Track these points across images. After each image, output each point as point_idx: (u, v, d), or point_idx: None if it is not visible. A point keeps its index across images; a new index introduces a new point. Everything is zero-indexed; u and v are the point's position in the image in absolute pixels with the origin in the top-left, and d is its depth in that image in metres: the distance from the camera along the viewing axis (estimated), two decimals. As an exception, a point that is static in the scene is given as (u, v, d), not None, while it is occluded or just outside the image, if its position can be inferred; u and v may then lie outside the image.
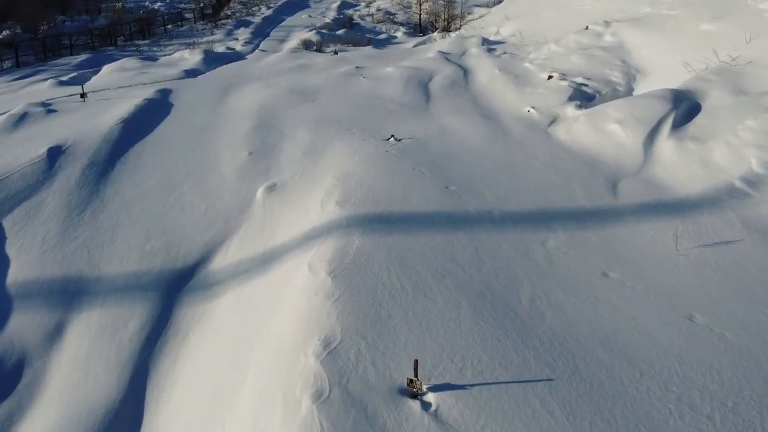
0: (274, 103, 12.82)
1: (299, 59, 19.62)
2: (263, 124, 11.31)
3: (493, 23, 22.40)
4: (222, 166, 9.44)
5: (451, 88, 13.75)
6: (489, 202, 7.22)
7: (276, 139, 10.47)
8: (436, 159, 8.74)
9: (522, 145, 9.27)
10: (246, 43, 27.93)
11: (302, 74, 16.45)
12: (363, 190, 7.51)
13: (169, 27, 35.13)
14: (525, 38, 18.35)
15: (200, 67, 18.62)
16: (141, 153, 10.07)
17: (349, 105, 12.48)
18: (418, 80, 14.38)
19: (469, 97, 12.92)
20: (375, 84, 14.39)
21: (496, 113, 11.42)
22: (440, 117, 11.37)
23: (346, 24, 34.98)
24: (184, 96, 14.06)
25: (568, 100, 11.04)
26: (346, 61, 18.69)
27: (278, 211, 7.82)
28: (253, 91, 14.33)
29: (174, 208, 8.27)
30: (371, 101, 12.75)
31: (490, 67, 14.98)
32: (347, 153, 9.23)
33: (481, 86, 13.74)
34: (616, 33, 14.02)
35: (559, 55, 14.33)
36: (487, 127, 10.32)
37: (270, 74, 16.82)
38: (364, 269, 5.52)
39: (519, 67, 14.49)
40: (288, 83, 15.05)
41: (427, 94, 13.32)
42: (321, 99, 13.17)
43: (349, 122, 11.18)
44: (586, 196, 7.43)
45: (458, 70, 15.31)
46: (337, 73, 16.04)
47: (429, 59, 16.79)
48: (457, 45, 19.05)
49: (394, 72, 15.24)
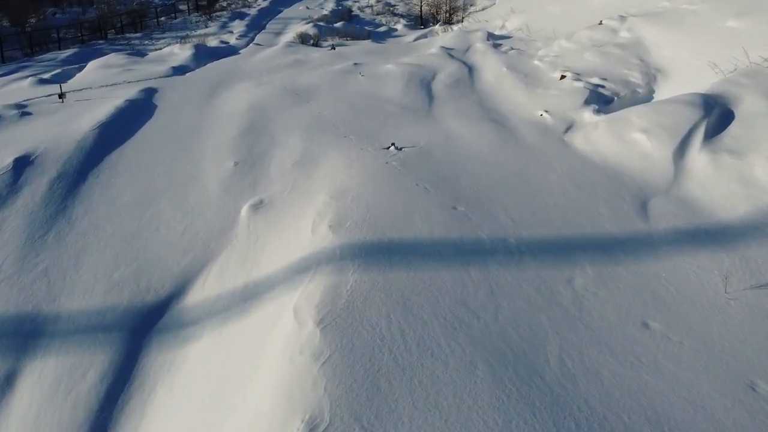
0: (265, 105, 11.92)
1: (294, 54, 18.67)
2: (252, 129, 10.41)
3: (498, 16, 21.41)
4: (205, 178, 8.55)
5: (455, 87, 12.84)
6: (503, 225, 6.35)
7: (265, 146, 9.58)
8: (442, 171, 7.86)
9: (536, 155, 8.38)
10: (240, 36, 26.96)
11: (297, 71, 15.52)
12: (359, 210, 6.63)
13: (162, 19, 34.11)
14: (532, 33, 17.39)
15: (190, 63, 17.67)
16: (117, 163, 9.18)
17: (346, 106, 11.58)
18: (419, 79, 13.47)
19: (475, 98, 12.01)
20: (374, 83, 13.47)
21: (505, 117, 10.52)
22: (444, 121, 10.47)
23: (344, 16, 33.95)
24: (169, 96, 13.14)
25: (585, 104, 10.13)
26: (344, 56, 17.75)
27: (264, 234, 6.95)
28: (243, 90, 13.41)
29: (149, 228, 7.40)
30: (370, 102, 11.84)
31: (496, 65, 14.05)
32: (343, 164, 8.35)
33: (488, 86, 12.82)
34: (632, 29, 13.08)
35: (571, 52, 13.40)
36: (497, 134, 9.42)
37: (263, 71, 15.89)
38: (360, 318, 4.66)
39: (528, 65, 13.56)
40: (281, 81, 14.12)
41: (430, 94, 12.41)
42: (316, 99, 12.26)
43: (345, 127, 10.28)
44: (613, 217, 6.55)
45: (463, 68, 14.39)
46: (334, 70, 15.12)
47: (431, 55, 15.85)
48: (461, 40, 18.10)
49: (395, 69, 14.32)
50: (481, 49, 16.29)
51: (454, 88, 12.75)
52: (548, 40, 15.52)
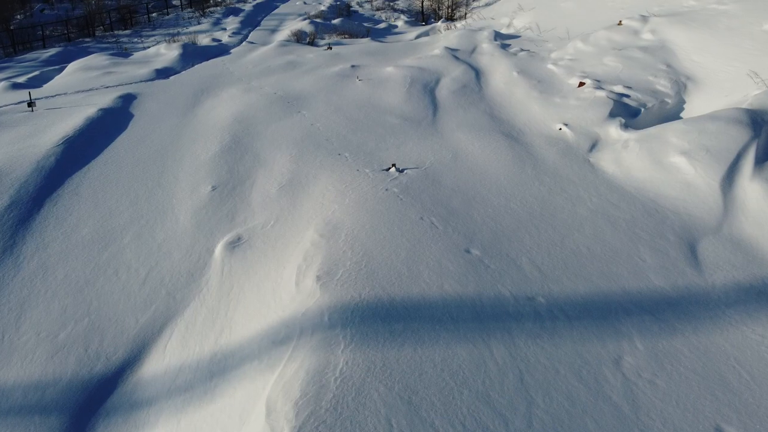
0: (252, 115, 10.79)
1: (288, 55, 17.51)
2: (236, 144, 9.29)
3: (505, 14, 20.23)
4: (177, 207, 7.44)
5: (461, 94, 11.71)
6: (528, 277, 5.25)
7: (249, 166, 8.46)
8: (451, 201, 6.76)
9: (560, 181, 7.27)
10: (234, 33, 25.76)
11: (290, 75, 14.37)
12: (354, 255, 5.53)
13: (153, 15, 32.87)
14: (543, 32, 16.24)
15: (176, 65, 16.52)
16: (79, 187, 8.06)
17: (341, 117, 10.45)
18: (422, 84, 12.34)
19: (485, 107, 10.88)
20: (373, 88, 12.34)
21: (519, 131, 9.40)
22: (451, 135, 9.35)
23: (342, 12, 32.72)
24: (148, 104, 12.01)
25: (609, 117, 9.01)
26: (341, 57, 16.59)
27: (240, 282, 5.84)
28: (229, 97, 12.28)
29: (106, 271, 6.29)
30: (368, 112, 10.72)
31: (506, 69, 12.91)
32: (336, 190, 7.24)
33: (498, 93, 11.69)
34: (656, 30, 11.94)
35: (589, 55, 12.26)
36: (512, 152, 8.31)
37: (253, 74, 14.74)
38: (352, 425, 3.57)
39: (541, 69, 12.42)
40: (272, 87, 12.99)
41: (434, 102, 11.29)
42: (309, 108, 11.13)
43: (340, 142, 9.17)
44: (659, 266, 5.45)
45: (469, 71, 13.25)
46: (330, 73, 13.98)
47: (435, 57, 14.71)
48: (466, 39, 16.94)
49: (395, 73, 13.19)
50: (489, 50, 15.14)
51: (461, 95, 11.62)
52: (561, 41, 14.37)
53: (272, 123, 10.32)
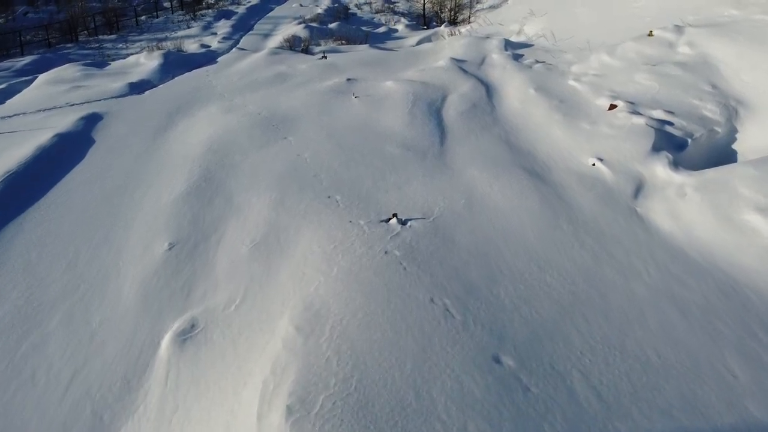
0: (230, 142, 9.31)
1: (279, 65, 16.02)
2: (206, 182, 7.81)
3: (514, 19, 18.74)
4: (123, 273, 5.96)
5: (472, 115, 10.23)
6: (586, 410, 3.76)
7: (218, 213, 6.98)
8: (469, 272, 5.27)
9: (605, 242, 5.79)
10: (224, 38, 24.32)
11: (278, 90, 12.88)
12: (341, 367, 4.06)
13: (142, 18, 31.39)
14: (558, 41, 14.75)
15: (154, 77, 15.02)
16: (11, 244, 6.58)
17: (333, 145, 8.97)
18: (427, 103, 10.85)
19: (499, 131, 9.40)
20: (370, 108, 10.86)
21: (544, 165, 7.92)
22: (463, 171, 7.87)
23: (340, 14, 31.24)
24: (114, 127, 10.53)
25: (653, 151, 7.53)
26: (336, 68, 15.10)
27: (186, 404, 4.35)
28: (207, 118, 10.79)
29: (21, 374, 4.81)
30: (365, 138, 9.24)
31: (521, 84, 11.43)
32: (322, 253, 5.76)
33: (513, 114, 10.20)
34: (694, 43, 10.45)
35: (617, 70, 10.78)
36: (539, 197, 6.82)
37: (237, 89, 13.25)
38: None
39: (561, 86, 10.94)
40: (256, 105, 11.50)
41: (441, 125, 9.80)
42: (296, 134, 9.64)
43: (330, 179, 7.69)
44: (756, 388, 3.96)
45: (479, 87, 11.76)
46: (323, 88, 12.49)
47: (440, 69, 13.21)
48: (474, 48, 15.45)
49: (396, 89, 11.71)
50: (499, 61, 13.65)
51: (471, 117, 10.13)
52: (582, 52, 12.88)
53: (252, 152, 8.84)
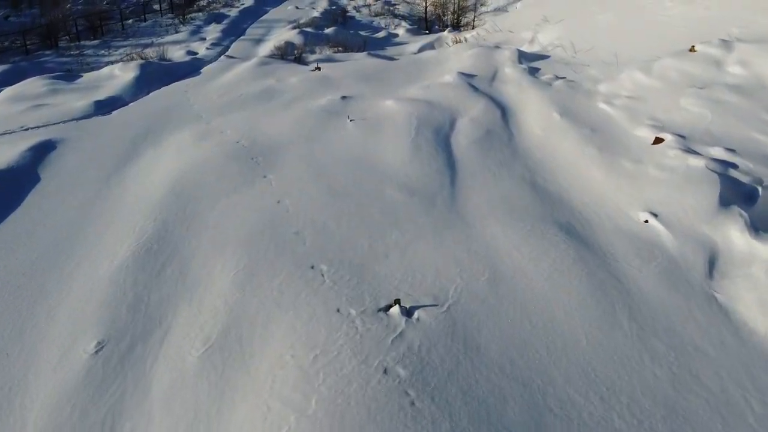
0: (197, 182, 7.74)
1: (267, 78, 14.43)
2: (160, 243, 6.24)
3: (526, 25, 17.15)
4: (30, 395, 4.39)
5: (486, 145, 8.66)
6: None
7: (167, 291, 5.41)
8: (507, 416, 3.72)
9: (685, 356, 4.21)
10: (213, 44, 22.76)
11: (263, 110, 11.31)
12: None
13: (129, 22, 29.79)
14: (579, 52, 13.17)
15: (127, 92, 13.42)
16: None
17: (321, 189, 7.40)
18: (433, 129, 9.29)
19: (521, 169, 7.83)
20: (367, 135, 9.30)
21: (582, 218, 6.36)
22: (482, 226, 6.31)
23: (337, 18, 29.65)
24: (66, 160, 8.97)
25: (722, 206, 5.96)
26: (330, 82, 13.52)
27: None
28: (176, 147, 9.22)
29: None
30: (360, 179, 7.67)
31: (542, 106, 9.86)
32: (297, 370, 4.20)
33: (536, 145, 8.64)
34: (747, 62, 8.88)
35: (656, 93, 9.20)
36: (585, 272, 5.25)
37: (216, 109, 11.67)
38: None
39: (590, 110, 9.37)
40: (236, 130, 9.92)
41: (451, 159, 8.24)
42: (278, 171, 8.07)
43: (315, 238, 6.13)
44: None
45: (492, 109, 10.19)
46: (314, 108, 10.91)
47: (446, 86, 11.63)
48: (483, 60, 13.85)
49: (397, 110, 10.14)
50: (514, 76, 12.07)
51: (486, 149, 8.57)
52: (608, 68, 11.31)
53: (223, 197, 7.28)
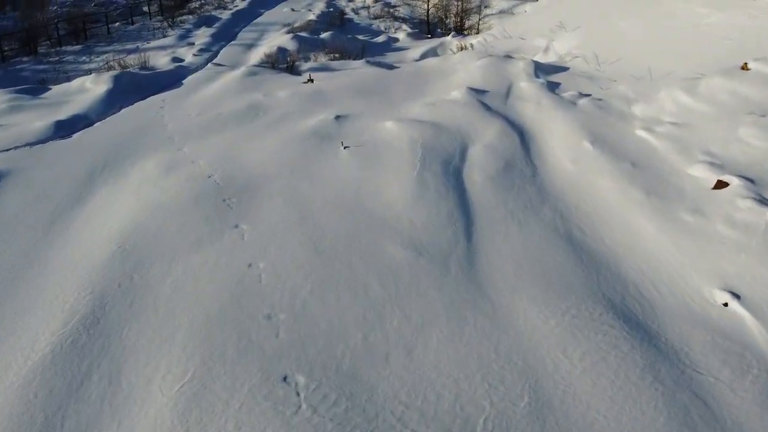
0: (154, 234, 6.29)
1: (253, 91, 12.98)
2: (90, 332, 4.79)
3: (539, 32, 15.69)
4: None
5: (507, 184, 7.22)
6: None
7: (84, 420, 3.97)
8: None
9: None
10: (201, 50, 21.29)
11: (245, 132, 9.86)
12: None
13: (116, 25, 28.34)
14: (603, 64, 11.72)
15: (94, 109, 11.96)
16: None
17: (304, 244, 5.96)
18: (441, 160, 7.86)
19: (552, 215, 6.39)
20: (364, 166, 7.87)
21: (639, 295, 4.93)
22: (511, 307, 4.87)
23: (335, 21, 28.18)
24: (4, 200, 7.52)
25: (829, 286, 4.53)
26: (323, 97, 12.08)
27: None
28: (137, 184, 7.78)
29: None
30: (354, 230, 6.23)
31: (569, 132, 8.42)
32: None
33: (567, 182, 7.19)
34: (818, 80, 7.45)
35: (706, 119, 7.77)
36: (660, 394, 3.82)
37: (192, 130, 10.21)
38: None
39: (627, 138, 7.94)
40: (210, 161, 8.47)
41: (464, 203, 6.79)
42: (254, 219, 6.62)
43: (292, 328, 4.69)
44: None
45: (509, 134, 8.76)
46: (304, 130, 9.47)
47: (454, 104, 10.19)
48: (494, 72, 12.40)
49: (398, 135, 8.71)
50: (531, 93, 10.63)
51: (506, 187, 7.13)
52: (640, 84, 9.87)
53: (182, 258, 5.83)
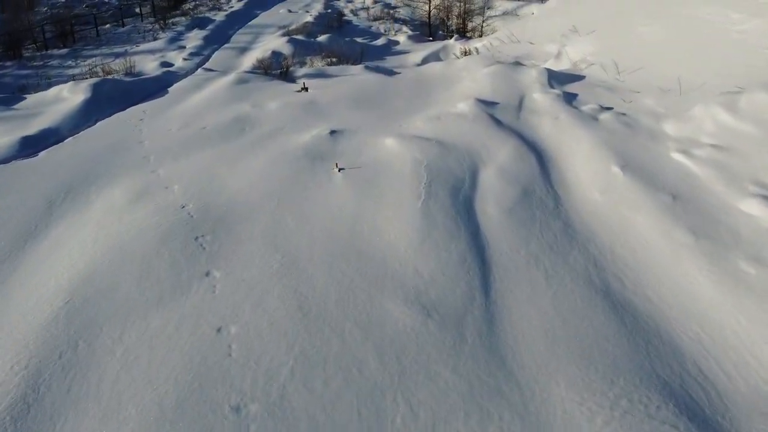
0: (109, 285, 5.29)
1: (242, 101, 11.97)
2: (17, 426, 3.81)
3: (548, 35, 14.68)
4: None
5: (527, 219, 6.22)
6: None
7: None
8: None
9: None
10: (192, 54, 20.32)
11: (229, 151, 8.85)
12: None
13: (106, 27, 27.33)
14: (623, 73, 10.72)
15: (68, 122, 10.95)
16: None
17: (287, 302, 4.95)
18: (450, 186, 6.86)
19: (585, 264, 5.39)
20: (361, 195, 6.87)
21: (705, 379, 3.94)
22: (545, 397, 3.88)
23: (333, 23, 27.15)
24: (-58, 236, 6.51)
25: None
26: (318, 109, 11.08)
27: None
28: (100, 216, 6.77)
29: None
30: (347, 282, 5.23)
31: (594, 154, 7.42)
32: None
33: (596, 216, 6.19)
34: None
35: (752, 141, 6.77)
36: None
37: (170, 148, 9.20)
38: None
39: (662, 162, 6.94)
40: (185, 187, 7.47)
41: (479, 244, 5.79)
42: (229, 264, 5.61)
43: (266, 424, 3.70)
44: None
45: (525, 155, 7.76)
46: (294, 149, 8.47)
47: (462, 119, 9.19)
48: (504, 81, 11.38)
49: (400, 155, 7.73)
50: (546, 105, 9.62)
51: (527, 223, 6.12)
52: (667, 97, 8.88)
53: (139, 318, 4.82)
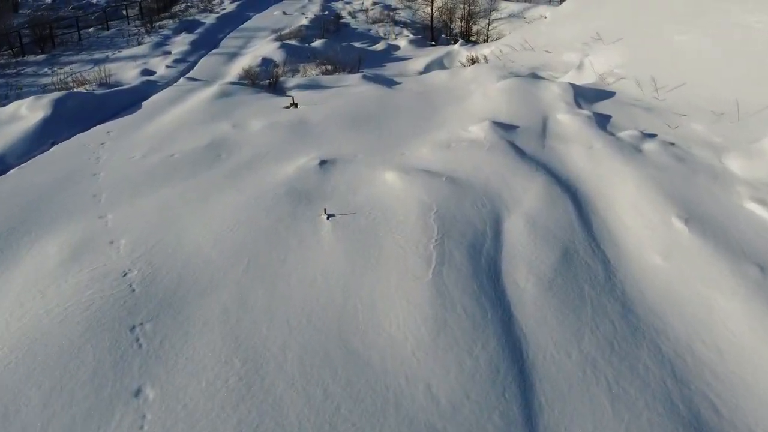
0: (6, 405, 3.82)
1: (221, 120, 10.47)
2: None
3: (566, 43, 13.18)
4: None
5: (572, 297, 4.75)
6: None
7: None
8: None
9: None
10: (177, 60, 18.89)
11: (200, 186, 7.35)
12: None
13: (90, 30, 25.82)
14: (661, 90, 9.23)
15: (18, 146, 9.40)
16: None
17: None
18: (467, 247, 5.39)
19: (658, 376, 3.92)
20: (355, 255, 5.40)
21: None
22: None
23: (330, 26, 25.66)
24: None
25: None
26: (307, 131, 9.59)
27: None
28: (23, 285, 5.28)
29: None
30: (333, 411, 3.76)
31: (645, 199, 5.95)
32: None
33: (660, 292, 4.72)
34: None
35: None
36: None
37: (129, 183, 7.70)
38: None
39: (733, 212, 5.47)
40: (135, 242, 5.97)
41: (514, 344, 4.32)
42: (170, 370, 4.12)
43: None
44: None
45: (557, 199, 6.28)
46: (276, 185, 6.99)
47: (475, 146, 7.70)
48: (522, 99, 9.89)
49: (402, 197, 6.27)
50: (575, 130, 8.14)
51: (573, 305, 4.65)
52: (722, 121, 7.41)
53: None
